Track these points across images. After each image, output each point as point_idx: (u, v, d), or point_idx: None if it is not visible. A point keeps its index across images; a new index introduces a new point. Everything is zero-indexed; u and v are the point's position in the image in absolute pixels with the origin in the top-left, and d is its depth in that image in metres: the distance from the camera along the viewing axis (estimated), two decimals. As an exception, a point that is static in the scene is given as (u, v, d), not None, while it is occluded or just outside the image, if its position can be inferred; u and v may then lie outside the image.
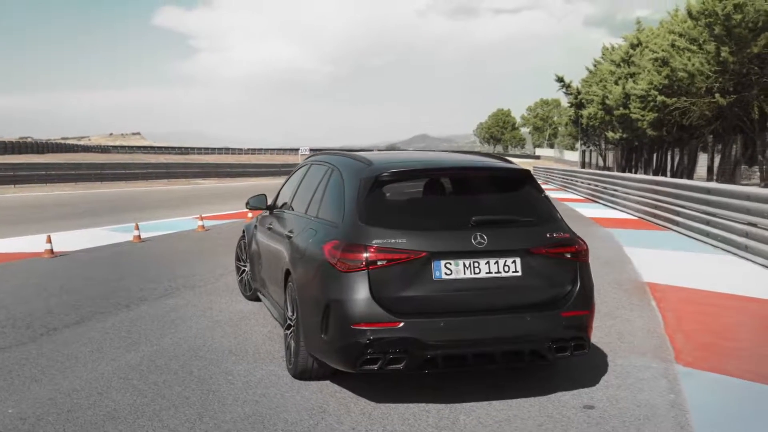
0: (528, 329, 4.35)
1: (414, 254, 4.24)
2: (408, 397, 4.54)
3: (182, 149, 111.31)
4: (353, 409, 4.36)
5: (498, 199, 4.74)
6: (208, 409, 4.34)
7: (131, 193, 32.82)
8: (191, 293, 8.02)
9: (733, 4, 18.89)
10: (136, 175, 46.86)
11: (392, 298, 4.22)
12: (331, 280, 4.33)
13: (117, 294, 7.93)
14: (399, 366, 4.23)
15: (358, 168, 4.84)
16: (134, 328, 6.38)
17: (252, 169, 66.13)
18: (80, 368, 5.19)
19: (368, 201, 4.47)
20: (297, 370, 4.83)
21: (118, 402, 4.47)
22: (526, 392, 4.64)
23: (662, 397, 4.58)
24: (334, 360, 4.44)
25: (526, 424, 4.15)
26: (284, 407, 4.39)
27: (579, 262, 4.58)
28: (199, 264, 10.23)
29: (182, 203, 24.94)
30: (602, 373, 5.08)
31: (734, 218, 11.56)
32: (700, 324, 6.60)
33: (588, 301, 4.58)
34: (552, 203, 4.85)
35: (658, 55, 34.28)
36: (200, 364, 5.28)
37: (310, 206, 5.36)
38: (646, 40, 40.97)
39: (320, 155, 6.04)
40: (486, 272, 4.33)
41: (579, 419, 4.21)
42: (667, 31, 36.88)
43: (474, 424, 4.15)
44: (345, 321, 4.24)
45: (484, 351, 4.33)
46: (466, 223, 4.41)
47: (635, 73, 39.73)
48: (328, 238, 4.52)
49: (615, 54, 45.70)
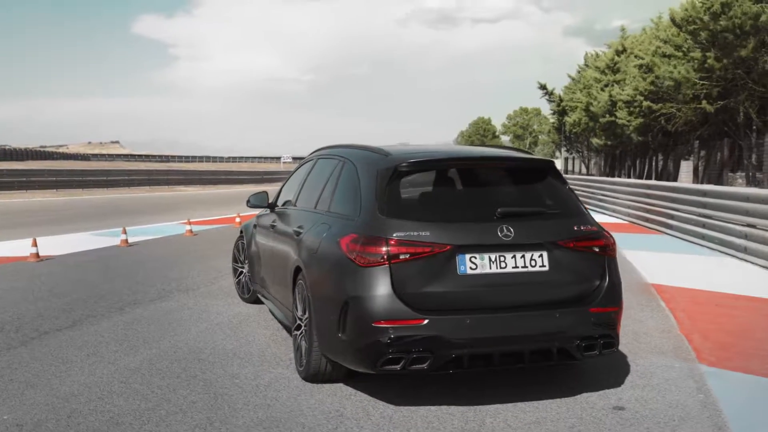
0: (557, 326, 4.14)
1: (438, 247, 4.01)
2: (428, 400, 4.31)
3: (163, 157, 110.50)
4: (372, 413, 4.12)
5: (522, 191, 4.53)
6: (218, 414, 4.09)
7: (114, 199, 32.34)
8: (186, 296, 7.75)
9: (720, 2, 18.88)
10: (117, 182, 46.30)
11: (415, 294, 3.99)
12: (350, 275, 4.09)
13: (108, 297, 7.63)
14: (423, 366, 3.99)
15: (374, 159, 4.61)
16: (130, 332, 6.10)
17: (235, 176, 65.85)
18: (77, 372, 4.90)
19: (388, 192, 4.24)
20: (309, 372, 4.58)
21: (121, 407, 4.20)
22: (550, 394, 4.43)
23: (692, 398, 4.39)
24: (353, 361, 4.20)
25: (557, 426, 3.93)
26: (299, 411, 4.14)
27: (607, 257, 4.38)
28: (190, 267, 9.94)
29: (167, 209, 24.57)
30: (625, 374, 4.89)
31: (732, 220, 11.47)
32: (714, 324, 6.43)
33: (617, 297, 4.38)
34: (576, 196, 4.66)
35: (643, 61, 34.46)
36: (204, 367, 5.02)
37: (321, 201, 5.12)
38: (631, 47, 41.18)
39: (328, 149, 5.80)
40: (512, 267, 4.12)
41: (611, 421, 4.00)
42: (652, 38, 37.14)
43: (502, 426, 3.92)
44: (365, 319, 4.00)
45: (512, 350, 4.11)
46: (490, 216, 4.19)
47: (620, 80, 39.88)
48: (344, 232, 4.28)
49: (600, 61, 45.88)
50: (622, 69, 41.28)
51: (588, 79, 48.05)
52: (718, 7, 19.28)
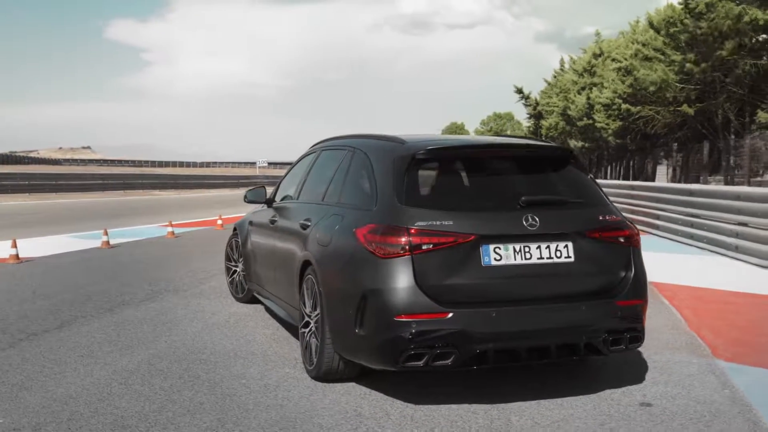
0: (584, 320, 3.97)
1: (462, 237, 3.83)
2: (446, 398, 4.12)
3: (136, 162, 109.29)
4: (392, 412, 3.92)
5: (543, 179, 4.36)
6: (229, 415, 3.86)
7: (89, 203, 31.68)
8: (176, 297, 7.48)
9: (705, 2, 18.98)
10: (91, 186, 45.44)
11: (438, 287, 3.80)
12: (368, 267, 3.89)
13: (96, 298, 7.34)
14: (447, 362, 3.80)
15: (389, 147, 4.42)
16: (123, 332, 5.83)
17: (210, 180, 65.11)
18: (72, 374, 4.64)
19: (406, 180, 4.05)
20: (321, 371, 4.36)
21: (124, 409, 3.95)
22: (571, 390, 4.26)
23: (718, 393, 4.25)
24: (371, 357, 3.99)
25: (587, 423, 3.76)
26: (314, 411, 3.93)
27: (632, 247, 4.23)
28: (176, 269, 9.66)
29: (144, 212, 24.09)
30: (644, 370, 4.74)
31: (721, 219, 11.45)
32: (722, 320, 6.33)
33: (643, 289, 4.23)
34: (599, 185, 4.50)
35: (621, 64, 34.68)
36: (206, 368, 4.78)
37: (329, 193, 4.92)
38: (608, 50, 41.47)
39: (332, 140, 5.60)
40: (537, 258, 3.95)
41: (641, 417, 3.85)
42: (629, 41, 37.43)
43: (530, 424, 3.75)
44: (386, 313, 3.79)
45: (539, 344, 3.94)
46: (514, 204, 4.02)
47: (598, 83, 40.12)
48: (360, 222, 4.08)
49: (577, 64, 46.15)
50: (599, 72, 41.55)
51: (565, 82, 48.32)
52: (703, 7, 19.35)
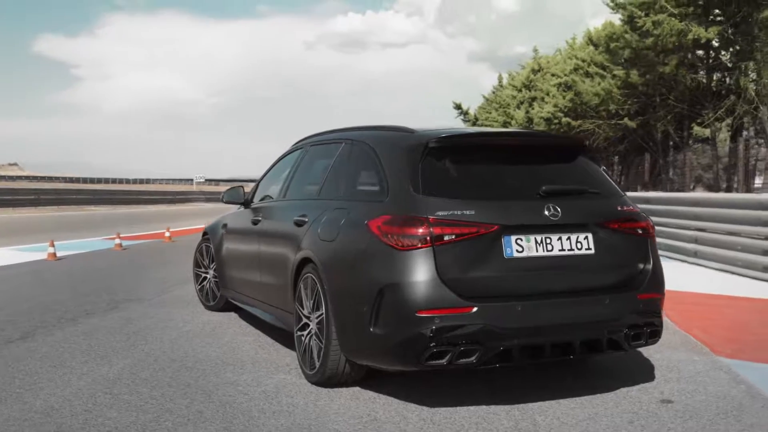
0: (608, 314, 3.82)
1: (484, 228, 3.63)
2: (461, 401, 3.90)
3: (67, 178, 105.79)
4: (408, 416, 3.68)
5: (559, 169, 4.20)
6: (235, 423, 3.56)
7: (23, 218, 30.34)
8: (140, 306, 7.07)
9: (652, 21, 19.45)
10: (22, 201, 43.64)
11: (460, 280, 3.59)
12: (385, 261, 3.65)
13: (55, 308, 6.86)
14: (471, 360, 3.58)
15: (398, 137, 4.20)
16: (93, 341, 5.43)
17: (147, 196, 63.53)
18: (48, 384, 4.25)
19: (422, 170, 3.83)
20: (324, 375, 4.09)
21: (116, 420, 3.60)
22: (586, 390, 4.10)
23: (734, 389, 4.16)
24: (389, 358, 3.74)
25: (614, 421, 3.60)
26: (326, 417, 3.66)
27: (649, 239, 4.12)
28: (133, 279, 9.20)
29: (84, 227, 23.15)
30: (650, 368, 4.63)
31: (678, 225, 11.61)
32: (707, 321, 6.31)
33: (661, 282, 4.12)
34: (611, 176, 4.39)
35: (561, 80, 35.38)
36: (194, 375, 4.45)
37: (325, 188, 4.67)
38: (547, 66, 42.27)
39: (321, 135, 5.35)
40: (558, 249, 3.78)
41: (667, 414, 3.71)
42: (566, 58, 38.28)
43: (557, 424, 3.57)
44: (406, 308, 3.56)
45: (563, 340, 3.76)
46: (533, 194, 3.86)
47: (537, 98, 40.81)
48: (372, 214, 3.84)
49: (516, 80, 46.88)
50: (539, 87, 42.30)
51: (504, 97, 49.02)
52: (650, 26, 19.83)
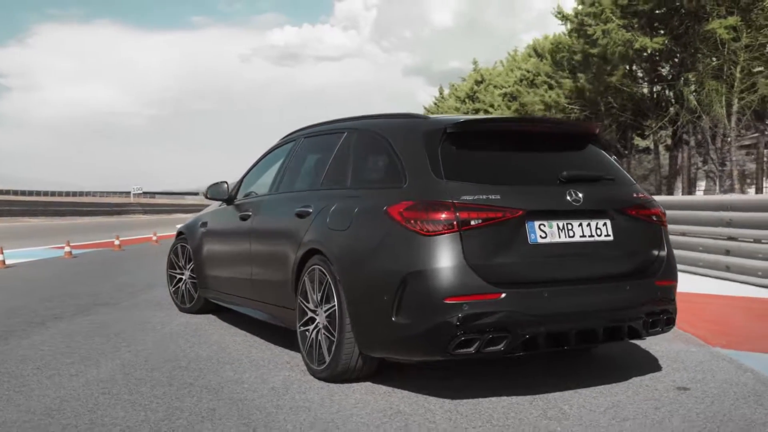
0: (628, 301, 3.80)
1: (510, 212, 3.56)
2: (481, 392, 3.80)
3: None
4: (432, 408, 3.57)
5: (576, 156, 4.15)
6: (254, 419, 3.39)
7: (-46, 229, 29.04)
8: (112, 310, 6.77)
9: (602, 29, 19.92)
10: (-50, 213, 41.96)
11: (487, 266, 3.51)
12: (409, 247, 3.54)
13: (21, 313, 6.51)
14: (498, 347, 3.50)
15: (412, 124, 4.10)
16: (73, 344, 5.14)
17: (84, 208, 61.79)
18: (38, 386, 3.98)
19: (442, 154, 3.74)
20: (336, 369, 3.94)
21: (125, 419, 3.39)
22: (601, 380, 4.07)
23: (743, 376, 4.18)
24: (413, 348, 3.62)
25: (640, 407, 3.57)
26: (348, 411, 3.52)
27: (662, 227, 4.12)
28: (95, 285, 8.83)
29: (27, 236, 22.28)
30: (653, 359, 4.63)
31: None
32: (691, 315, 6.36)
33: (675, 269, 4.13)
34: (621, 163, 4.39)
35: (505, 90, 35.97)
36: (193, 375, 4.24)
37: (327, 178, 4.53)
38: (489, 78, 42.91)
39: (316, 126, 5.20)
40: (579, 236, 3.74)
41: (688, 400, 3.69)
42: (510, 69, 38.97)
43: (585, 412, 3.51)
44: (433, 295, 3.45)
45: (587, 327, 3.71)
46: (554, 179, 3.80)
47: (481, 109, 41.34)
48: (391, 200, 3.72)
49: (459, 91, 47.40)
50: (482, 98, 42.89)
51: (447, 109, 49.51)
52: (600, 35, 20.31)
